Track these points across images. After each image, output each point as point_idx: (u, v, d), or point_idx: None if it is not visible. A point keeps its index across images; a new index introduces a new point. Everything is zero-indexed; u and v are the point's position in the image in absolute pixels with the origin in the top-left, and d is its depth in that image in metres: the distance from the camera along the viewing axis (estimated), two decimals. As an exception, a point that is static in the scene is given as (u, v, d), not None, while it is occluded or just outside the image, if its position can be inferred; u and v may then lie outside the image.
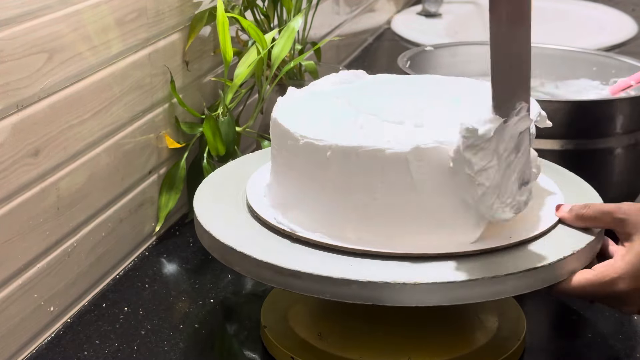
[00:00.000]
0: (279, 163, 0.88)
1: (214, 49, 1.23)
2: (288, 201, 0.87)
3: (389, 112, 0.87)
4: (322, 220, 0.85)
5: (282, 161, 0.88)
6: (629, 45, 1.92)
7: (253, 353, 0.94)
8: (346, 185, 0.83)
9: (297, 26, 1.17)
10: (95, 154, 1.00)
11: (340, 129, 0.85)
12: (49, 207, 0.93)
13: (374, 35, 2.03)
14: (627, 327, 0.99)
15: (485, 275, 0.80)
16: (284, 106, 0.91)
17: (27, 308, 0.91)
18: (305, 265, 0.81)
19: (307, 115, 0.89)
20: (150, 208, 1.13)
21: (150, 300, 1.02)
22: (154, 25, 1.09)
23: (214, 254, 0.87)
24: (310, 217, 0.85)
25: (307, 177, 0.85)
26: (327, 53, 1.61)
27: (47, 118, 0.91)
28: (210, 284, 1.05)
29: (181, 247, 1.13)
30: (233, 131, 1.15)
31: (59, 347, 0.94)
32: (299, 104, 0.91)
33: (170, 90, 1.12)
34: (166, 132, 1.14)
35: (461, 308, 0.93)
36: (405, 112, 0.87)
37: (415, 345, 0.89)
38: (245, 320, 1.00)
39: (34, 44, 0.88)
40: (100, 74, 1.00)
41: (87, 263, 1.01)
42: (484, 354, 0.89)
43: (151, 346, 0.94)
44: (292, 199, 0.87)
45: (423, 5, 2.13)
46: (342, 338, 0.90)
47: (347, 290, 0.79)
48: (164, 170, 1.15)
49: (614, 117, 1.12)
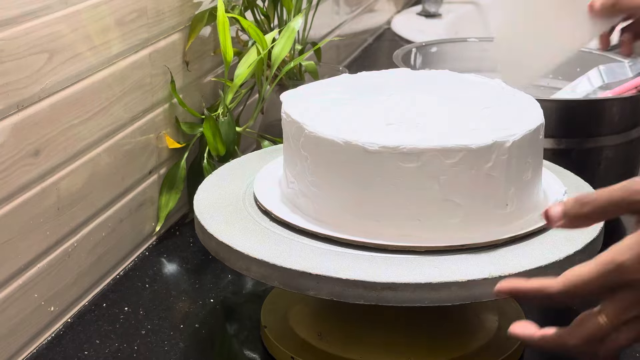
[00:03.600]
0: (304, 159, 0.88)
1: (214, 49, 1.23)
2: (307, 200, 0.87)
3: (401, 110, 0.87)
4: (328, 218, 0.85)
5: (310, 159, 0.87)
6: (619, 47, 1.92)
7: (253, 353, 0.94)
8: (356, 181, 0.83)
9: (297, 26, 1.17)
10: (96, 154, 1.00)
11: (366, 128, 0.85)
12: (49, 207, 0.93)
13: (374, 36, 2.03)
14: (627, 327, 0.99)
15: (485, 275, 0.80)
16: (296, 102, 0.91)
17: (27, 308, 0.91)
18: (306, 265, 0.81)
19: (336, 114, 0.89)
20: (151, 208, 1.13)
21: (150, 300, 1.02)
22: (154, 25, 1.09)
23: (214, 253, 0.87)
24: (318, 213, 0.85)
25: (332, 174, 0.85)
26: (327, 53, 1.61)
27: (48, 118, 0.91)
28: (210, 284, 1.05)
29: (181, 247, 1.13)
30: (233, 131, 1.16)
31: (59, 347, 0.94)
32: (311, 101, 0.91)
33: (170, 91, 1.12)
34: (166, 132, 1.14)
35: (461, 308, 0.93)
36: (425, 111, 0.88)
37: (415, 345, 0.89)
38: (245, 320, 1.00)
39: (34, 44, 0.88)
40: (100, 74, 1.00)
41: (87, 263, 1.01)
42: (484, 354, 0.89)
43: (151, 346, 0.94)
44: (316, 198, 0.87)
45: (423, 6, 2.13)
46: (342, 338, 0.90)
47: (348, 291, 0.79)
48: (164, 170, 1.15)
49: (607, 116, 1.13)
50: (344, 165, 0.83)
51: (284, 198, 0.90)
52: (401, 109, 0.88)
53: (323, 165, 0.85)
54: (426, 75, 1.00)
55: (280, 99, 0.91)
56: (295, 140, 0.87)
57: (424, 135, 0.82)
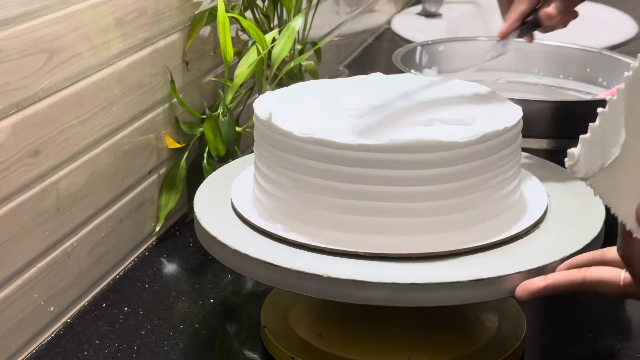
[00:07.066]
0: (277, 166, 0.88)
1: (214, 49, 1.23)
2: (286, 203, 0.87)
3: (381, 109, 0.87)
4: (319, 220, 0.85)
5: (281, 165, 0.87)
6: (629, 45, 1.92)
7: (253, 353, 0.94)
8: (347, 186, 0.83)
9: (297, 26, 1.17)
10: (95, 154, 1.00)
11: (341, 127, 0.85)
12: (49, 207, 0.93)
13: (374, 36, 2.03)
14: (627, 327, 0.99)
15: (485, 276, 0.80)
16: (273, 105, 0.91)
17: (27, 308, 0.91)
18: (307, 265, 0.81)
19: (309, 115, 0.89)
20: (150, 208, 1.13)
21: (150, 300, 1.02)
22: (154, 25, 1.09)
23: (214, 254, 0.87)
24: (308, 218, 0.85)
25: (313, 180, 0.85)
26: (327, 53, 1.61)
27: (47, 118, 0.91)
28: (210, 284, 1.05)
29: (181, 247, 1.13)
30: (233, 131, 1.16)
31: (59, 347, 0.94)
32: (287, 102, 0.92)
33: (170, 90, 1.12)
34: (166, 132, 1.14)
35: (461, 308, 0.93)
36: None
37: (415, 345, 0.89)
38: (245, 320, 1.00)
39: (34, 44, 0.88)
40: (100, 74, 1.00)
41: (87, 263, 1.01)
42: (484, 354, 0.89)
43: (151, 346, 0.94)
44: (291, 202, 0.87)
45: (423, 5, 2.12)
46: (342, 338, 0.90)
47: (348, 291, 0.79)
48: (164, 170, 1.15)
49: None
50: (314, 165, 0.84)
51: (260, 207, 0.90)
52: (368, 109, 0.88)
53: (303, 171, 0.85)
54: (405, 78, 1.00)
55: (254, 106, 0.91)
56: (270, 146, 0.87)
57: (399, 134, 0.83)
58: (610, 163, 0.69)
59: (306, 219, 0.85)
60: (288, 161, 0.85)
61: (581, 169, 0.70)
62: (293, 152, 0.84)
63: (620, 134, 0.69)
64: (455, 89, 0.96)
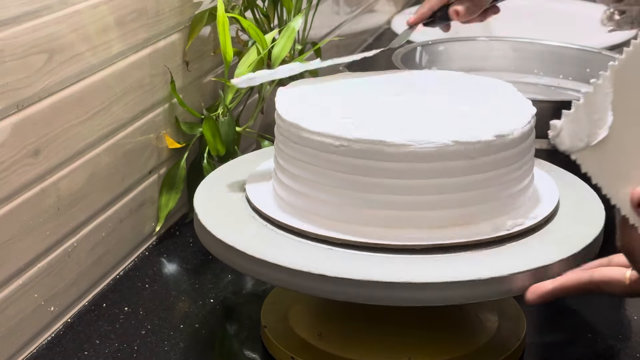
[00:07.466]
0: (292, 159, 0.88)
1: (214, 49, 1.23)
2: (298, 198, 0.87)
3: None
4: (323, 217, 0.85)
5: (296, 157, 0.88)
6: (628, 45, 1.92)
7: (253, 353, 0.94)
8: (354, 181, 0.83)
9: (297, 26, 1.17)
10: (96, 154, 1.00)
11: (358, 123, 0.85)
12: (49, 207, 0.93)
13: (374, 36, 2.03)
14: (626, 326, 0.99)
15: (485, 275, 0.80)
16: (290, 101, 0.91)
17: (27, 308, 0.91)
18: (306, 264, 0.81)
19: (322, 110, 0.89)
20: (151, 208, 1.13)
21: (150, 300, 1.02)
22: (154, 25, 1.09)
23: (214, 253, 0.87)
24: (315, 214, 0.85)
25: (319, 173, 0.85)
26: (327, 53, 1.61)
27: (47, 118, 0.91)
28: (210, 284, 1.05)
29: (181, 247, 1.13)
30: (233, 131, 1.15)
31: (59, 347, 0.94)
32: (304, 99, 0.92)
33: (170, 90, 1.12)
34: (166, 132, 1.14)
35: (461, 308, 0.94)
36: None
37: (415, 345, 0.89)
38: (245, 320, 1.00)
39: (34, 44, 0.88)
40: (100, 74, 1.00)
41: (87, 263, 1.01)
42: (484, 354, 0.89)
43: (151, 346, 0.94)
44: (304, 196, 0.87)
45: (423, 6, 2.12)
46: (342, 338, 0.90)
47: (348, 291, 0.79)
48: (164, 170, 1.15)
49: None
50: (330, 161, 0.84)
51: (277, 197, 0.90)
52: (401, 106, 0.88)
53: (314, 163, 0.85)
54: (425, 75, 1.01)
55: (275, 99, 0.92)
56: (287, 140, 0.87)
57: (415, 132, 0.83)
58: (597, 143, 0.71)
59: (338, 216, 0.85)
60: (303, 153, 0.86)
61: (565, 141, 0.72)
62: (304, 144, 0.85)
63: (607, 117, 0.71)
64: (472, 83, 0.96)
